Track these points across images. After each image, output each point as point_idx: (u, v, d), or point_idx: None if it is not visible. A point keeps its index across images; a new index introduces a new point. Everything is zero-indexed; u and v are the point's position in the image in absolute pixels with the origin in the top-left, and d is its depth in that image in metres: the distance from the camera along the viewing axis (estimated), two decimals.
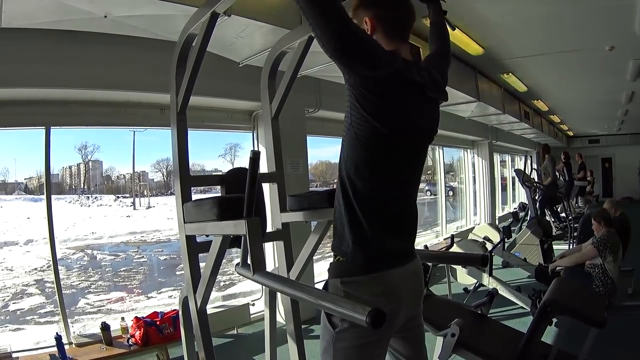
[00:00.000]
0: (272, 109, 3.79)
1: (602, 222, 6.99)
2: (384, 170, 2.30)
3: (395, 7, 2.41)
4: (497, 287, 6.86)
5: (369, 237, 2.25)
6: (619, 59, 9.56)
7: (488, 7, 6.80)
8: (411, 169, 2.45)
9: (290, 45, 3.71)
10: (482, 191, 16.80)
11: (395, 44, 2.38)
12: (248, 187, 2.48)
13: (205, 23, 3.23)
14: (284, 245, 3.69)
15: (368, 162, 2.26)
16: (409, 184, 2.46)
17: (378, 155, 2.26)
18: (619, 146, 27.33)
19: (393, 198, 2.35)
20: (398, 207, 2.39)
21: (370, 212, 2.26)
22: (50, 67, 5.12)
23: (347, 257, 2.28)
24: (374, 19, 2.37)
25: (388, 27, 2.39)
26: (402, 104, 2.27)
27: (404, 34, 2.45)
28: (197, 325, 3.40)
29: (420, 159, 2.49)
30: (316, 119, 8.52)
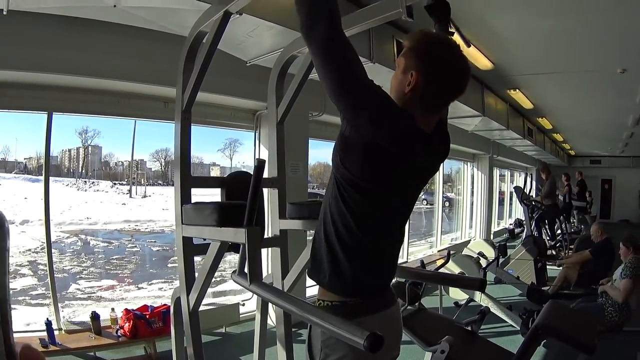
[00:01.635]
0: (279, 113, 3.77)
1: (631, 248, 6.94)
2: (368, 225, 2.24)
3: (447, 82, 2.20)
4: (488, 304, 6.87)
5: (349, 283, 2.24)
6: (630, 81, 9.50)
7: (501, 22, 6.77)
8: (395, 225, 2.40)
9: (301, 49, 3.68)
10: (479, 205, 16.81)
11: (425, 110, 2.21)
12: (251, 196, 2.45)
13: (217, 21, 3.19)
14: (281, 252, 3.68)
15: (352, 215, 2.20)
16: (393, 236, 2.41)
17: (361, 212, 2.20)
18: (621, 168, 27.22)
19: (375, 248, 2.30)
20: (381, 255, 2.35)
21: (352, 257, 2.23)
22: (55, 53, 5.11)
23: (328, 302, 2.28)
24: (420, 76, 2.15)
25: (429, 99, 2.19)
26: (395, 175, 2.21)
27: (442, 108, 2.30)
28: (188, 325, 3.40)
29: (406, 215, 2.46)
30: (319, 122, 8.52)
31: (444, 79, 2.17)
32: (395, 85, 2.27)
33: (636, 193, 27.31)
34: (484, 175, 16.76)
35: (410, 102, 2.18)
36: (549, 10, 6.34)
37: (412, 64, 2.18)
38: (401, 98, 2.21)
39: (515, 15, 6.57)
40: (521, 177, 22.08)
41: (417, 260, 10.85)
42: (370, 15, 3.21)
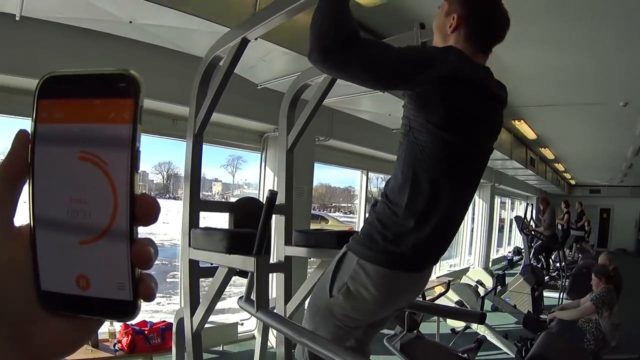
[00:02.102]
0: (289, 140, 3.78)
1: (603, 279, 6.99)
2: (442, 178, 2.28)
3: (490, 24, 2.40)
4: (485, 332, 6.88)
5: (408, 239, 2.27)
6: (632, 114, 9.63)
7: (509, 55, 6.82)
8: (469, 176, 2.46)
9: (314, 78, 3.71)
10: (479, 232, 16.78)
11: (471, 50, 2.33)
12: (261, 225, 2.49)
13: (234, 47, 3.19)
14: (285, 278, 3.67)
15: (428, 168, 2.24)
16: (466, 196, 2.49)
17: (441, 163, 2.25)
18: (619, 198, 27.36)
19: (442, 208, 2.31)
20: (444, 219, 2.36)
21: (418, 217, 2.25)
22: (66, 62, 5.02)
23: (375, 243, 2.29)
24: (462, 18, 2.33)
25: (472, 34, 2.34)
26: (465, 106, 2.26)
27: (485, 47, 2.41)
28: (190, 346, 3.40)
29: (480, 164, 2.51)
30: (325, 147, 8.56)
31: (483, 21, 2.37)
32: (439, 27, 2.45)
33: (633, 222, 27.34)
34: (485, 203, 16.76)
35: (454, 42, 2.34)
36: (556, 46, 6.44)
37: (454, 9, 2.36)
38: (445, 39, 2.38)
39: (523, 50, 6.64)
40: (522, 205, 22.08)
41: None
42: None
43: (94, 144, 0.54)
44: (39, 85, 0.58)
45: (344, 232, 3.01)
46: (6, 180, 0.58)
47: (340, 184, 18.04)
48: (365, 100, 6.71)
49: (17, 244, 0.57)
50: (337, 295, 2.34)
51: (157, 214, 0.57)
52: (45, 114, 0.56)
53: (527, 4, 5.36)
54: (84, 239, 0.55)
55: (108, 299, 0.56)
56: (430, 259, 2.47)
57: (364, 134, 8.63)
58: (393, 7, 5.37)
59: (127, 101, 0.55)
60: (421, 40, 2.94)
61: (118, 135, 0.54)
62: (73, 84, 0.58)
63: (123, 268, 0.55)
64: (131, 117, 0.55)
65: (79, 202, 0.55)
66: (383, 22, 5.72)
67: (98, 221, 0.54)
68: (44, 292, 0.56)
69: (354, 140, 8.68)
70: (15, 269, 0.56)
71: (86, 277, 0.56)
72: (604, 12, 5.35)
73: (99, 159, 0.54)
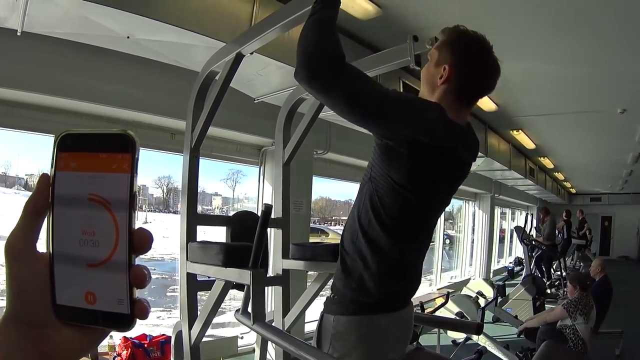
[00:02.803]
0: (285, 154, 3.81)
1: (578, 287, 6.98)
2: (399, 231, 2.26)
3: (482, 76, 2.32)
4: (485, 343, 6.87)
5: (371, 285, 2.24)
6: (630, 121, 9.68)
7: (506, 65, 6.84)
8: (427, 230, 2.44)
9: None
10: (479, 243, 16.74)
11: (457, 105, 2.28)
12: (257, 239, 2.51)
13: (229, 62, 3.23)
14: (282, 291, 3.67)
15: (383, 219, 2.21)
16: (422, 242, 2.45)
17: (395, 215, 2.22)
18: (620, 205, 27.27)
19: (404, 255, 2.32)
20: (407, 264, 2.37)
21: (377, 262, 2.23)
22: (65, 77, 5.10)
23: (344, 296, 2.29)
24: (453, 70, 2.25)
25: (462, 88, 2.27)
26: (430, 172, 2.21)
27: (474, 100, 2.37)
28: (188, 359, 3.42)
29: (437, 217, 2.49)
30: (323, 160, 8.56)
31: (475, 73, 2.28)
32: (428, 77, 2.37)
33: (635, 230, 27.26)
34: (485, 214, 16.73)
35: (442, 94, 2.28)
36: (552, 56, 6.48)
37: (445, 58, 2.28)
38: (433, 90, 2.32)
39: (520, 61, 6.69)
40: (522, 215, 22.04)
41: (417, 300, 10.80)
42: (380, 62, 3.29)
43: (101, 188, 0.69)
44: (57, 140, 0.72)
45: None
46: (32, 214, 0.73)
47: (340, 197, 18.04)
48: None
49: (39, 264, 0.71)
50: (331, 351, 2.31)
51: (150, 244, 0.70)
52: (62, 164, 0.72)
53: (523, 16, 5.40)
54: (92, 263, 0.69)
55: (110, 312, 0.69)
56: (402, 297, 2.44)
57: (361, 147, 8.58)
58: (387, 20, 5.42)
59: (126, 155, 0.69)
60: (414, 53, 2.97)
61: (119, 181, 0.69)
62: (84, 141, 0.71)
63: (122, 287, 0.69)
64: (129, 168, 0.69)
65: (88, 234, 0.69)
66: (377, 35, 5.77)
67: (104, 249, 0.69)
68: (58, 305, 0.71)
69: (351, 153, 8.64)
70: (37, 283, 0.71)
71: (93, 293, 0.70)
72: (598, 21, 5.39)
73: (104, 200, 0.69)
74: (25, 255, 0.72)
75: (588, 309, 6.65)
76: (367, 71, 3.21)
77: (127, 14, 4.00)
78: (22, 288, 0.71)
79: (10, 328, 0.71)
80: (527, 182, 16.04)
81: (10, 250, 0.72)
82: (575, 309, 6.60)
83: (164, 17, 4.15)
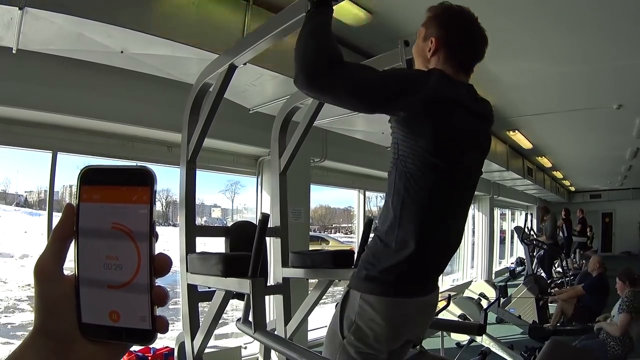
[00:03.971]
0: (281, 163, 3.83)
1: (627, 282, 6.93)
2: (433, 205, 2.29)
3: (468, 43, 2.43)
4: (489, 344, 6.86)
5: (402, 264, 2.27)
6: (626, 116, 9.67)
7: (499, 67, 6.88)
8: (460, 200, 2.46)
9: (304, 100, 3.75)
10: (480, 245, 16.70)
11: (452, 70, 2.38)
12: (255, 248, 2.53)
13: (222, 74, 3.25)
14: (283, 299, 3.69)
15: (416, 195, 2.25)
16: (456, 217, 2.48)
17: (428, 187, 2.26)
18: (620, 201, 27.16)
19: (437, 233, 2.35)
20: (440, 242, 2.40)
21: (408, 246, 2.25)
22: (62, 93, 5.11)
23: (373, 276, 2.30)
24: (440, 41, 2.39)
25: (451, 55, 2.40)
26: (449, 124, 2.26)
27: (465, 67, 2.46)
28: None
29: (471, 186, 2.52)
30: (321, 168, 8.57)
31: (461, 40, 2.42)
32: (418, 52, 2.53)
33: (636, 225, 27.17)
34: (485, 216, 16.71)
35: (435, 64, 2.40)
36: (545, 54, 6.48)
37: (432, 32, 2.43)
38: (426, 62, 2.45)
39: (514, 61, 6.70)
40: (522, 215, 22.01)
41: None
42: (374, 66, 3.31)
43: (123, 218, 0.76)
44: (80, 174, 0.78)
45: (339, 252, 3.04)
46: (59, 240, 0.78)
47: (339, 204, 18.02)
48: (358, 120, 6.73)
49: (65, 285, 0.78)
50: (349, 335, 2.34)
51: (170, 267, 0.78)
52: (86, 195, 0.78)
53: (514, 17, 5.41)
54: (116, 284, 0.76)
55: (133, 328, 0.76)
56: (432, 282, 2.47)
57: (358, 154, 8.64)
58: (378, 26, 5.43)
59: (145, 188, 0.76)
60: (406, 58, 3.00)
61: (140, 212, 0.76)
62: (106, 175, 0.78)
63: (144, 305, 0.76)
64: (149, 199, 0.76)
65: (112, 258, 0.76)
66: (368, 41, 5.77)
67: (126, 272, 0.76)
68: (84, 324, 0.77)
69: (349, 160, 8.71)
70: (64, 302, 0.77)
71: (117, 312, 0.76)
72: (591, 17, 5.39)
73: (127, 229, 0.76)
74: (53, 277, 0.78)
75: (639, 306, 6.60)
76: None
77: (121, 29, 4.02)
78: (50, 306, 0.77)
79: (39, 341, 0.76)
80: (525, 182, 16.02)
81: (40, 271, 0.78)
82: (634, 309, 6.55)
83: (157, 31, 4.16)
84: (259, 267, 2.58)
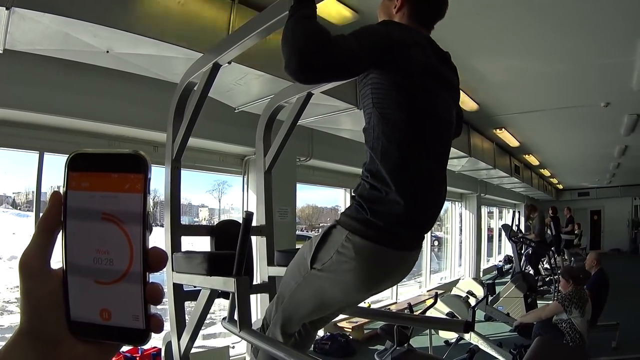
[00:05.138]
0: (266, 162, 3.83)
1: (571, 281, 6.98)
2: (412, 145, 2.32)
3: (429, 2, 2.57)
4: (478, 342, 6.88)
5: (390, 213, 2.27)
6: (614, 114, 9.72)
7: (486, 66, 6.92)
8: (439, 139, 2.48)
9: (288, 99, 3.76)
10: (468, 243, 16.72)
11: (415, 25, 2.50)
12: (239, 247, 2.53)
13: (206, 73, 3.26)
14: (269, 298, 3.68)
15: (396, 136, 2.29)
16: (438, 159, 2.50)
17: (405, 130, 2.30)
18: (609, 199, 27.28)
19: (419, 172, 2.36)
20: (424, 188, 2.39)
21: (396, 189, 2.26)
22: (48, 94, 5.10)
23: (365, 217, 2.29)
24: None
25: (414, 12, 2.52)
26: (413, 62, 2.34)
27: (427, 23, 2.58)
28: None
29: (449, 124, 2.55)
30: (307, 167, 8.61)
31: None
32: (383, 10, 2.65)
33: (625, 222, 27.30)
34: (472, 214, 16.72)
35: (399, 20, 2.52)
36: (531, 52, 6.51)
37: None
38: (390, 19, 2.55)
39: (499, 58, 6.73)
40: (509, 213, 22.09)
41: (406, 301, 10.77)
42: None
43: (114, 208, 0.71)
44: (68, 160, 0.73)
45: None
46: (44, 232, 0.74)
47: (326, 204, 17.99)
48: (343, 118, 6.73)
49: (52, 281, 0.73)
50: (319, 268, 2.36)
51: (165, 263, 0.73)
52: (74, 183, 0.73)
53: (499, 14, 5.43)
54: (107, 280, 0.72)
55: (126, 327, 0.72)
56: (417, 237, 2.48)
57: (344, 152, 8.64)
58: (363, 24, 5.41)
59: (138, 175, 0.71)
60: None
61: (132, 201, 0.71)
62: (95, 161, 0.73)
63: (137, 304, 0.72)
64: (142, 188, 0.71)
65: (102, 252, 0.72)
66: None
67: (118, 267, 0.72)
68: (73, 322, 0.73)
69: (335, 159, 8.71)
70: (51, 300, 0.73)
71: (108, 310, 0.72)
72: (576, 15, 5.41)
73: (118, 220, 0.71)
74: (39, 272, 0.73)
75: (583, 302, 6.65)
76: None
77: (107, 29, 4.01)
78: (36, 304, 0.73)
79: (24, 343, 0.72)
80: (512, 180, 16.04)
81: (24, 267, 0.73)
82: (570, 302, 6.60)
83: (142, 31, 4.16)
84: (243, 265, 2.58)
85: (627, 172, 19.35)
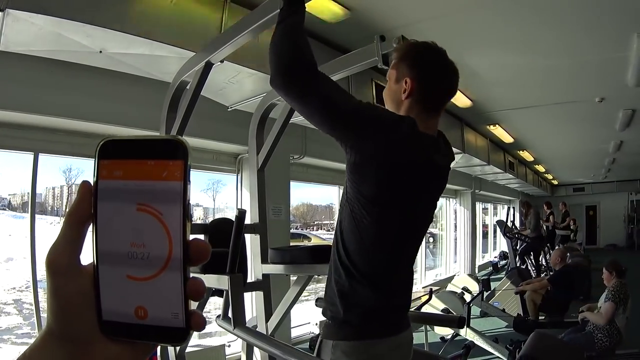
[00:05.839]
0: (259, 160, 3.83)
1: (614, 273, 6.96)
2: (384, 250, 2.23)
3: (441, 80, 2.32)
4: (474, 338, 6.89)
5: (364, 304, 2.22)
6: (609, 109, 9.74)
7: (479, 62, 6.92)
8: (412, 242, 2.40)
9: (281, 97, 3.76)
10: (463, 240, 16.78)
11: (425, 116, 2.27)
12: (232, 244, 2.54)
13: (199, 72, 3.27)
14: (264, 296, 3.68)
15: (365, 241, 2.20)
16: (408, 255, 2.41)
17: (377, 235, 2.20)
18: (605, 194, 27.29)
19: (391, 270, 2.29)
20: (395, 277, 2.32)
21: (367, 281, 2.20)
22: (42, 94, 5.09)
23: (340, 321, 2.25)
24: (415, 81, 2.25)
25: (426, 98, 2.27)
26: (402, 184, 2.19)
27: (439, 107, 2.35)
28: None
29: (420, 237, 2.45)
30: (300, 165, 8.63)
31: (436, 79, 2.28)
32: (391, 96, 2.37)
33: (621, 217, 27.30)
34: (467, 210, 16.76)
35: (409, 108, 2.27)
36: (525, 47, 6.52)
37: (404, 72, 2.29)
38: (399, 106, 2.31)
39: (492, 54, 6.74)
40: (504, 209, 22.10)
41: None
42: (349, 63, 3.31)
43: (151, 198, 0.65)
44: (98, 147, 0.68)
45: (318, 247, 3.03)
46: (73, 224, 0.67)
47: (321, 202, 18.01)
48: None
49: (83, 279, 0.67)
50: None
51: (208, 255, 0.67)
52: (106, 172, 0.67)
53: (490, 10, 5.44)
54: (143, 276, 0.66)
55: (164, 326, 0.66)
56: (402, 318, 2.41)
57: (338, 150, 8.60)
58: (355, 22, 5.46)
59: (177, 162, 0.65)
60: (381, 52, 3.00)
61: (172, 190, 0.65)
62: (129, 147, 0.67)
63: (177, 301, 0.65)
64: (182, 176, 0.65)
65: (138, 246, 0.66)
66: (346, 37, 5.79)
67: (155, 262, 0.65)
68: (105, 321, 0.67)
69: (328, 156, 8.65)
70: (82, 298, 0.67)
71: (144, 308, 0.66)
72: (569, 10, 5.41)
73: (155, 211, 0.65)
74: (68, 269, 0.67)
75: (627, 298, 6.64)
76: (337, 73, 3.27)
77: (100, 29, 4.01)
78: (65, 303, 0.67)
79: (52, 344, 0.67)
80: (507, 176, 16.11)
81: (52, 264, 0.67)
82: (619, 300, 6.53)
83: (135, 30, 4.16)
84: (236, 263, 2.60)
85: (623, 168, 19.39)
